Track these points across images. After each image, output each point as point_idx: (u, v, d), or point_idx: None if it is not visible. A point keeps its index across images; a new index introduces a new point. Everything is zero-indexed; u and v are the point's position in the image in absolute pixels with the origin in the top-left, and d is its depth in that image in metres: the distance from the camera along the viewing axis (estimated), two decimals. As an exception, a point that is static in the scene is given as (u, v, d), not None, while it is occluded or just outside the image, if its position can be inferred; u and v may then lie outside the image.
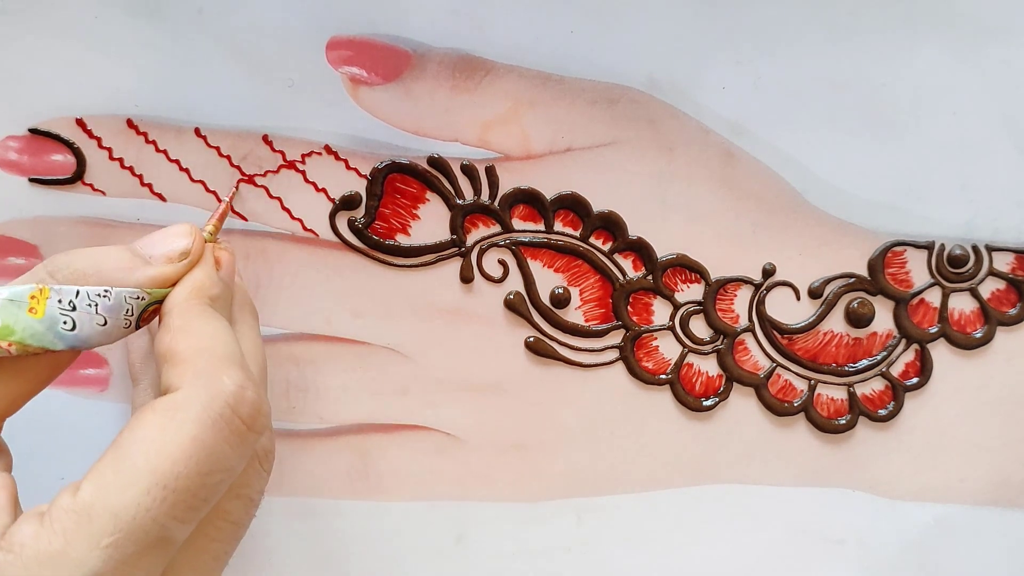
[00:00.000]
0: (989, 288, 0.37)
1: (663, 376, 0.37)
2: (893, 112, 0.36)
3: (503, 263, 0.36)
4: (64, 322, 0.26)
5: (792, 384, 0.37)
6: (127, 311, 0.27)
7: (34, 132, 0.35)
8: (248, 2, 0.34)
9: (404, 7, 0.34)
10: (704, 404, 0.37)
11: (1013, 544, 0.37)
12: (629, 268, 0.36)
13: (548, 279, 0.36)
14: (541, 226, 0.36)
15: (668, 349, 0.37)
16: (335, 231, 0.36)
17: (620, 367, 0.37)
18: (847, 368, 0.37)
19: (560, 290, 0.36)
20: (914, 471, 0.37)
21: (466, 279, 0.36)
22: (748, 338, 0.37)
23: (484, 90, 0.35)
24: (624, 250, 0.36)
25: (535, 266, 0.36)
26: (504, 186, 0.36)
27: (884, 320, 0.37)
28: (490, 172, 0.36)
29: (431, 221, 0.36)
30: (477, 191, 0.36)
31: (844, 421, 0.37)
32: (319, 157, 0.35)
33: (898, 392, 0.37)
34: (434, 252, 0.36)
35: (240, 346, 0.27)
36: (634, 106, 0.35)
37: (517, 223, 0.36)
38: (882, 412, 0.37)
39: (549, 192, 0.36)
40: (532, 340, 0.36)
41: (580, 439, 0.37)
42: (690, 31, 0.35)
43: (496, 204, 0.36)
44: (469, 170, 0.36)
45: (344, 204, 0.35)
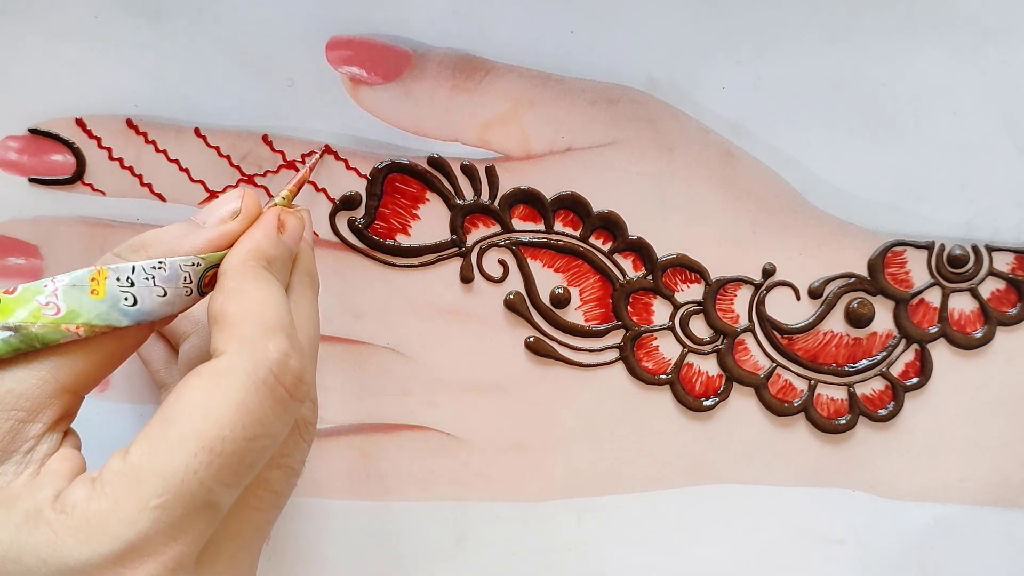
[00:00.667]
0: (989, 288, 0.37)
1: (663, 376, 0.37)
2: (893, 112, 0.36)
3: (503, 263, 0.36)
4: (125, 298, 0.26)
5: (792, 384, 0.37)
6: (185, 279, 0.27)
7: (34, 132, 0.35)
8: (248, 2, 0.34)
9: (404, 7, 0.34)
10: (704, 404, 0.37)
11: (1013, 544, 0.37)
12: (629, 268, 0.36)
13: (548, 279, 0.36)
14: (541, 226, 0.36)
15: (668, 349, 0.37)
16: (335, 231, 0.36)
17: (620, 367, 0.37)
18: (847, 368, 0.37)
19: (560, 290, 0.36)
20: (914, 471, 0.37)
21: (466, 279, 0.36)
22: (748, 338, 0.37)
23: (484, 90, 0.35)
24: (624, 250, 0.36)
25: (535, 266, 0.36)
26: (504, 186, 0.36)
27: (884, 320, 0.37)
28: (490, 172, 0.36)
29: (431, 221, 0.36)
30: (477, 191, 0.36)
31: (844, 421, 0.37)
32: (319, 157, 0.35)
33: (898, 392, 0.37)
34: (434, 252, 0.36)
35: (291, 313, 0.27)
36: (634, 106, 0.35)
37: (517, 223, 0.36)
38: (882, 412, 0.37)
39: (549, 192, 0.36)
40: (532, 340, 0.36)
41: (580, 439, 0.37)
42: (690, 31, 0.35)
43: (496, 204, 0.36)
44: (469, 170, 0.36)
45: (344, 204, 0.35)
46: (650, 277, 0.36)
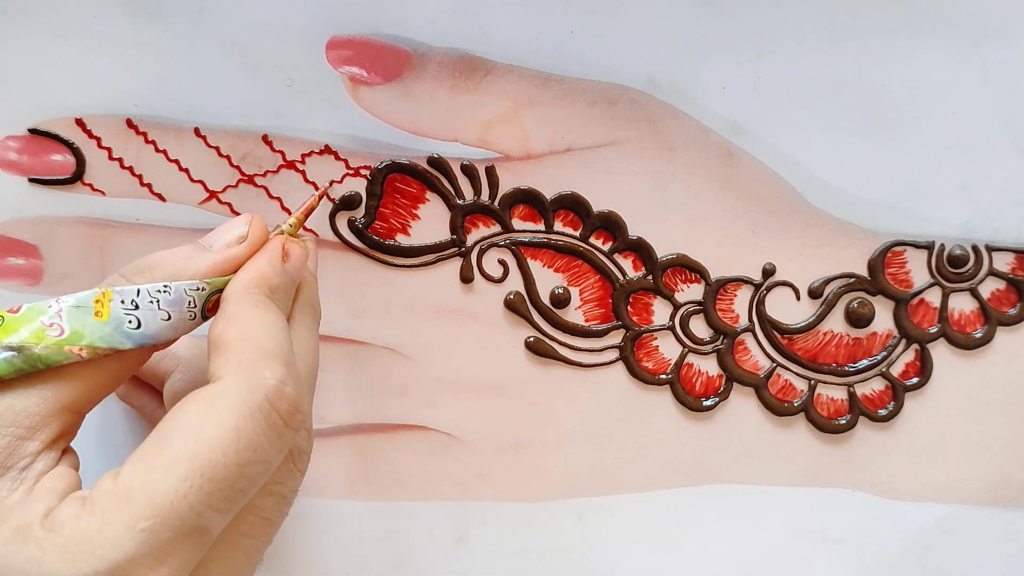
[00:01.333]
0: (989, 288, 0.37)
1: (663, 376, 0.37)
2: (893, 112, 0.36)
3: (503, 263, 0.36)
4: (129, 321, 0.26)
5: (792, 384, 0.37)
6: (189, 303, 0.27)
7: (34, 132, 0.35)
8: (248, 2, 0.34)
9: (404, 7, 0.34)
10: (704, 404, 0.37)
11: (1013, 544, 0.37)
12: (629, 268, 0.36)
13: (548, 279, 0.36)
14: (541, 226, 0.36)
15: (668, 349, 0.37)
16: (335, 231, 0.36)
17: (620, 367, 0.37)
18: (847, 368, 0.37)
19: (560, 290, 0.36)
20: (914, 471, 0.37)
21: (466, 279, 0.36)
22: (748, 338, 0.37)
23: (484, 90, 0.35)
24: (624, 250, 0.36)
25: (535, 266, 0.36)
26: (504, 186, 0.36)
27: (884, 320, 0.37)
28: (490, 172, 0.36)
29: (431, 221, 0.36)
30: (477, 191, 0.36)
31: (844, 421, 0.37)
32: (319, 157, 0.35)
33: (898, 392, 0.37)
34: (434, 252, 0.36)
35: (291, 342, 0.27)
36: (634, 106, 0.35)
37: (517, 223, 0.36)
38: (882, 412, 0.37)
39: (549, 192, 0.36)
40: (532, 340, 0.36)
41: (580, 439, 0.37)
42: (690, 31, 0.35)
43: (496, 204, 0.36)
44: (469, 170, 0.36)
45: (344, 204, 0.35)
46: (650, 277, 0.36)
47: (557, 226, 0.36)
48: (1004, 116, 0.36)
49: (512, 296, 0.36)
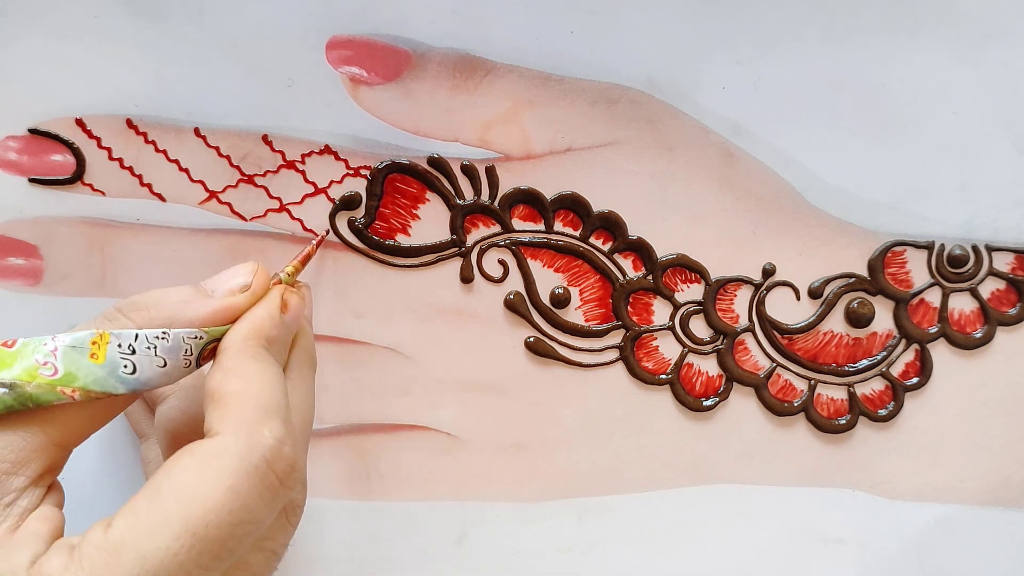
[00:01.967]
0: (989, 288, 0.37)
1: (663, 376, 0.37)
2: (893, 112, 0.36)
3: (503, 263, 0.36)
4: (124, 366, 0.26)
5: (792, 384, 0.37)
6: (186, 351, 0.27)
7: (34, 132, 0.35)
8: (248, 2, 0.34)
9: (404, 7, 0.34)
10: (704, 404, 0.37)
11: (1013, 544, 0.37)
12: (629, 268, 0.36)
13: (548, 279, 0.36)
14: (541, 226, 0.36)
15: (668, 349, 0.37)
16: (335, 231, 0.36)
17: (620, 367, 0.37)
18: (847, 368, 0.37)
19: (560, 290, 0.36)
20: (914, 471, 0.37)
21: (466, 279, 0.36)
22: (748, 338, 0.37)
23: (484, 90, 0.35)
24: (624, 250, 0.36)
25: (535, 266, 0.36)
26: (504, 186, 0.36)
27: (884, 320, 0.37)
28: (490, 172, 0.36)
29: (431, 221, 0.36)
30: (477, 191, 0.36)
31: (844, 421, 0.37)
32: (319, 157, 0.35)
33: (898, 392, 0.37)
34: (434, 252, 0.36)
35: (287, 396, 0.27)
36: (634, 106, 0.35)
37: (517, 223, 0.36)
38: (882, 412, 0.37)
39: (549, 192, 0.36)
40: (532, 340, 0.36)
41: (580, 439, 0.37)
42: (690, 31, 0.35)
43: (496, 204, 0.36)
44: (469, 170, 0.36)
45: (344, 204, 0.35)
46: (650, 277, 0.36)
47: (557, 226, 0.36)
48: (1004, 116, 0.36)
49: (512, 296, 0.36)
